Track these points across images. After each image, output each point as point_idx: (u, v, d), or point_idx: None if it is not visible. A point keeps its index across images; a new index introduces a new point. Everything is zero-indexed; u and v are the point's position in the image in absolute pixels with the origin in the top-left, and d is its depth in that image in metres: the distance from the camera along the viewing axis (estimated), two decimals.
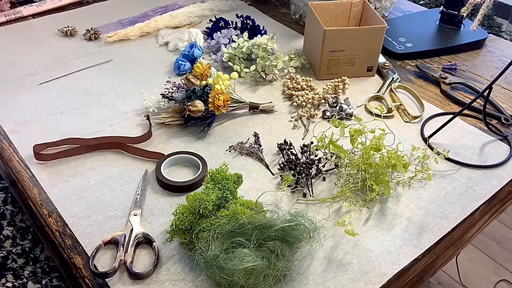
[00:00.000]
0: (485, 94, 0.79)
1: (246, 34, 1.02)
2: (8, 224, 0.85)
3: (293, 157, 0.77)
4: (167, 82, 0.92)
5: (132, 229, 0.65)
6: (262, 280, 0.55)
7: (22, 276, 0.78)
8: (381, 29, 0.94)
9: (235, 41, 1.01)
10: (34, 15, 1.22)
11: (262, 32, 1.07)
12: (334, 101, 0.91)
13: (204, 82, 0.85)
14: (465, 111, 0.86)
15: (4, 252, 0.81)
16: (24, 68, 1.01)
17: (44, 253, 0.84)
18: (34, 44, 1.09)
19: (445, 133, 0.85)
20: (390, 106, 0.90)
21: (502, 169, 0.79)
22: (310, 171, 0.74)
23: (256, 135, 0.84)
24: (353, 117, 0.88)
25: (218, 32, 1.07)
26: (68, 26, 1.13)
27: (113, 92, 0.95)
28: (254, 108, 0.89)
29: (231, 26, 1.09)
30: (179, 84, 0.90)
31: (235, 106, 0.87)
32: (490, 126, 0.86)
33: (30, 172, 0.75)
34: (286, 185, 0.72)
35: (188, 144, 0.82)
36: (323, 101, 0.92)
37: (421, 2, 2.06)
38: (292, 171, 0.74)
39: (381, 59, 1.03)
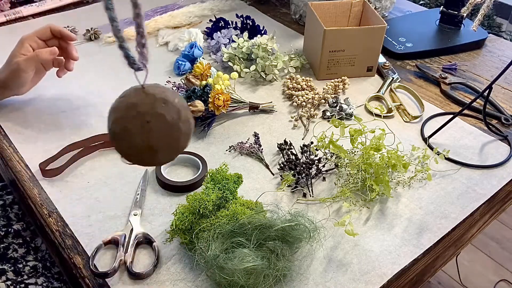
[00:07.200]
0: (485, 94, 0.79)
1: (246, 34, 1.02)
2: (18, 220, 0.85)
3: (293, 157, 0.77)
4: (167, 82, 0.92)
5: (132, 229, 0.65)
6: (262, 280, 0.55)
7: (23, 273, 0.78)
8: (381, 29, 0.94)
9: (235, 41, 1.01)
10: (34, 15, 1.22)
11: (262, 32, 1.07)
12: (334, 101, 0.91)
13: (204, 82, 0.85)
14: (465, 111, 0.86)
15: (5, 243, 0.81)
16: None
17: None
18: None
19: (445, 133, 0.85)
20: (390, 106, 0.90)
21: (502, 169, 0.79)
22: (310, 171, 0.74)
23: (256, 135, 0.84)
24: (353, 117, 0.88)
25: (218, 32, 1.07)
26: (68, 26, 1.13)
27: (113, 92, 0.94)
28: (254, 108, 0.89)
29: (231, 26, 1.09)
30: (179, 84, 0.90)
31: (235, 106, 0.87)
32: (490, 126, 0.86)
33: (30, 172, 0.75)
34: (286, 185, 0.72)
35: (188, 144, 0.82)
36: (323, 101, 0.92)
37: (421, 2, 2.06)
38: (292, 171, 0.74)
39: (381, 59, 1.03)
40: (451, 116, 0.81)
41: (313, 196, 0.72)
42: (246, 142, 0.82)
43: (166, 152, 0.36)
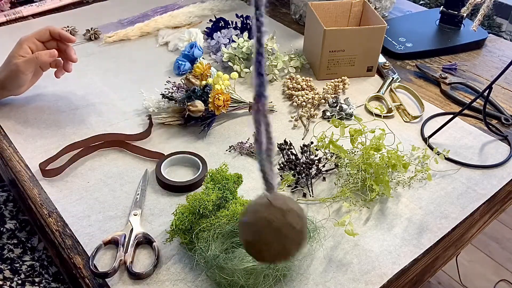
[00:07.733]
0: (485, 94, 0.79)
1: (246, 34, 1.02)
2: (11, 218, 0.85)
3: (293, 157, 0.77)
4: (167, 82, 0.92)
5: (132, 229, 0.65)
6: (262, 280, 0.56)
7: (20, 271, 0.78)
8: (381, 29, 0.94)
9: (235, 41, 1.01)
10: (34, 15, 1.22)
11: None
12: (334, 101, 0.91)
13: (204, 82, 0.85)
14: (465, 111, 0.86)
15: (0, 244, 0.81)
16: None
17: (42, 242, 0.84)
18: None
19: (445, 133, 0.85)
20: (390, 106, 0.90)
21: (502, 169, 0.79)
22: (310, 171, 0.74)
23: None
24: (353, 117, 0.88)
25: (218, 32, 1.07)
26: (68, 26, 1.13)
27: (113, 92, 0.95)
28: None
29: (231, 26, 1.09)
30: (179, 84, 0.90)
31: (235, 106, 0.87)
32: (490, 126, 0.86)
33: (30, 172, 0.75)
34: (286, 185, 0.72)
35: (188, 144, 0.82)
36: (323, 101, 0.92)
37: (421, 2, 2.06)
38: (292, 171, 0.74)
39: (381, 59, 1.03)
40: (451, 116, 0.81)
41: (313, 196, 0.72)
42: (246, 142, 0.82)
43: (296, 249, 0.42)
